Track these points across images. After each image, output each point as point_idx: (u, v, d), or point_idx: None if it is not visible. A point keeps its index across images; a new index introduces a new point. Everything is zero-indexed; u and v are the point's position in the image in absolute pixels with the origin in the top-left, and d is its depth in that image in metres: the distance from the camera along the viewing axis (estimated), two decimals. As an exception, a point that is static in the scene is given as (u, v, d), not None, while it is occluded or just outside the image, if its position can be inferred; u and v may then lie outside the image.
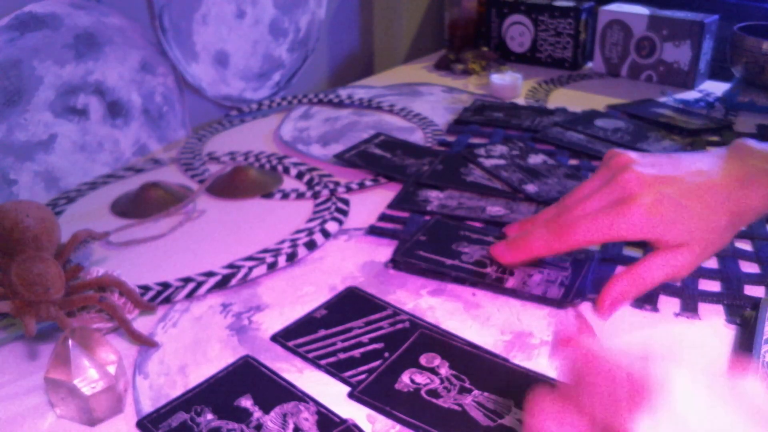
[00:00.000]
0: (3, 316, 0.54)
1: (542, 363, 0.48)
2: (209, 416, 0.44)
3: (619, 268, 0.59)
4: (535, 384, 0.45)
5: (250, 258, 0.62)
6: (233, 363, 0.49)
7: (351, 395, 0.46)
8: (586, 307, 0.54)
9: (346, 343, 0.50)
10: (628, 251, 0.61)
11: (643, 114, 0.93)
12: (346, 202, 0.71)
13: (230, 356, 0.50)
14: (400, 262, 0.59)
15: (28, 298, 0.49)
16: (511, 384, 0.46)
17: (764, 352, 0.44)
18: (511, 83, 1.01)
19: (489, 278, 0.57)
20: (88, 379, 0.43)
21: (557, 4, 1.12)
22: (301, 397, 0.45)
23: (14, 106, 0.73)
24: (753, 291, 0.56)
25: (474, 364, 0.48)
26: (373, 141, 0.85)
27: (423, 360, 0.49)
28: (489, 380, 0.46)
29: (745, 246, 0.62)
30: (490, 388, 0.46)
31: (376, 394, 0.46)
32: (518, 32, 1.16)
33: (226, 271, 0.59)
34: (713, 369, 0.29)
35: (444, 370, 0.47)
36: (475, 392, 0.45)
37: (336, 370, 0.48)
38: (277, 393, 0.46)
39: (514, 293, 0.56)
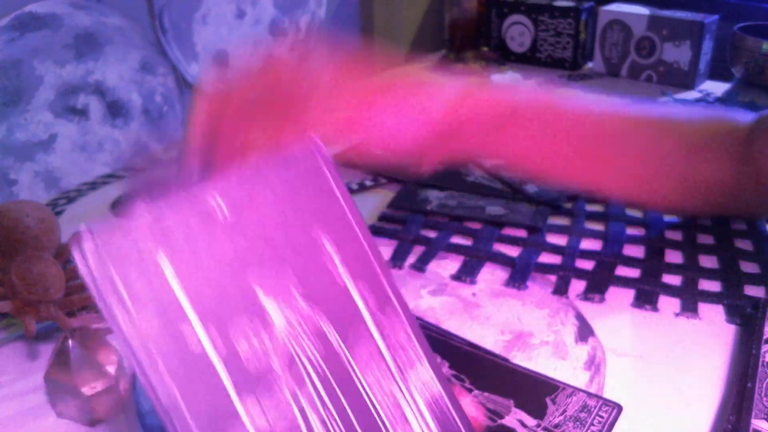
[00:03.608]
0: (3, 316, 0.54)
1: (542, 363, 0.48)
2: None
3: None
4: (535, 384, 0.46)
5: (250, 258, 0.61)
6: (233, 363, 0.49)
7: (351, 395, 0.46)
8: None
9: (346, 343, 0.50)
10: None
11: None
12: (346, 202, 0.71)
13: (230, 356, 0.50)
14: None
15: (28, 298, 0.49)
16: (511, 384, 0.46)
17: (764, 351, 0.44)
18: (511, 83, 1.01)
19: None
20: (88, 379, 0.43)
21: (557, 4, 1.12)
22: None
23: (14, 106, 0.73)
24: (753, 291, 0.56)
25: (474, 364, 0.48)
26: (373, 141, 0.85)
27: (423, 360, 0.48)
28: (489, 380, 0.46)
29: (745, 246, 0.62)
30: (490, 388, 0.46)
31: (376, 394, 0.46)
32: (518, 32, 1.16)
33: (226, 271, 0.59)
34: None
35: (444, 370, 0.47)
36: (475, 392, 0.45)
37: (336, 370, 0.48)
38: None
39: None
